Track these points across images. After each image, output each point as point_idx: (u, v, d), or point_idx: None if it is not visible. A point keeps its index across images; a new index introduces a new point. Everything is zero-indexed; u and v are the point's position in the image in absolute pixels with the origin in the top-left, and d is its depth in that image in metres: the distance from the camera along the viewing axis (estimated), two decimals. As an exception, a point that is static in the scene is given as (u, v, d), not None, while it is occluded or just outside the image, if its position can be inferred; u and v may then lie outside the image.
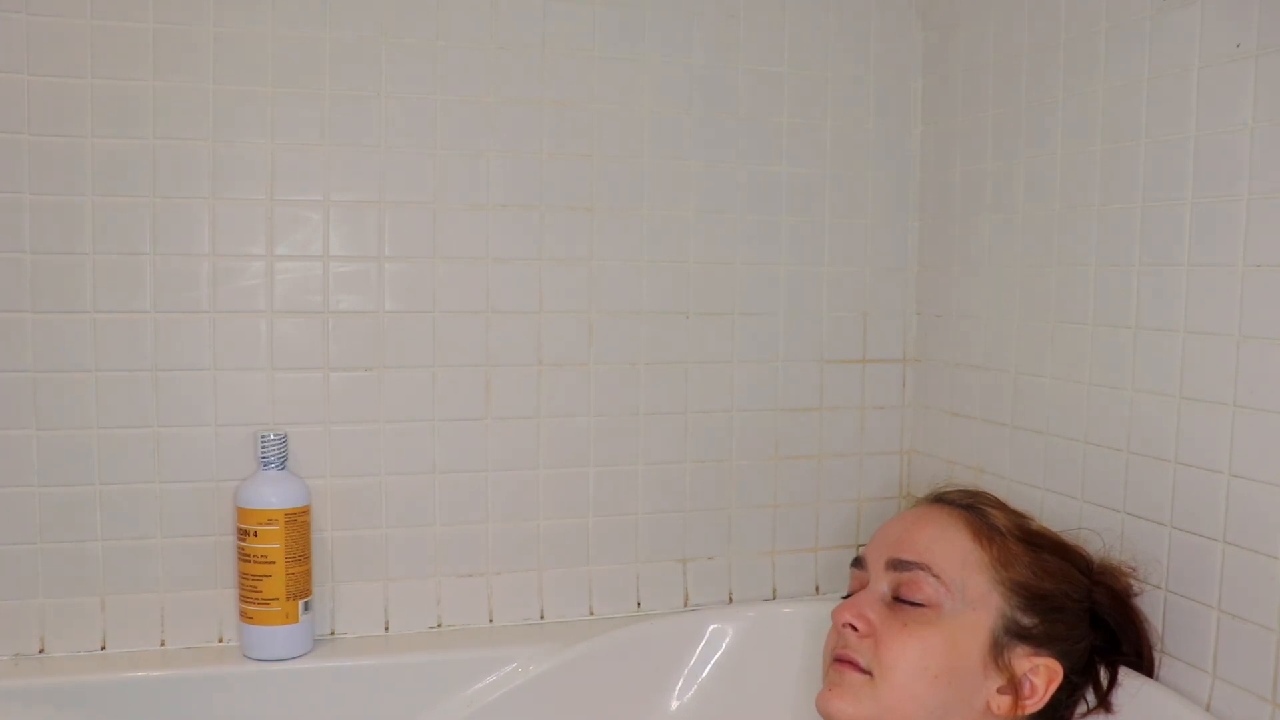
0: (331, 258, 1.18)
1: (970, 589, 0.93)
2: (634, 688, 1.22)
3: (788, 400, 1.35)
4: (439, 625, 1.24)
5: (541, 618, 1.28)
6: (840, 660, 0.94)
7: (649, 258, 1.29)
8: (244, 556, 1.12)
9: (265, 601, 1.12)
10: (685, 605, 1.33)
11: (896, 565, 0.96)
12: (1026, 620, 0.92)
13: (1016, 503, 1.08)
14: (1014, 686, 0.91)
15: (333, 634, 1.21)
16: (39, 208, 1.09)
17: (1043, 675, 0.91)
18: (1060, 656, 0.92)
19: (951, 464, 1.33)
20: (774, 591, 1.37)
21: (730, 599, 1.35)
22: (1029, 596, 0.93)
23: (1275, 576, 0.88)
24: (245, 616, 1.13)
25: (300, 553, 1.13)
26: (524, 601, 1.27)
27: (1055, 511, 1.13)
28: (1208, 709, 0.94)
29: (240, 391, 1.16)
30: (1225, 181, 0.93)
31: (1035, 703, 0.91)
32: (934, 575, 0.93)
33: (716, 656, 1.26)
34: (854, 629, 0.94)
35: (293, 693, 1.12)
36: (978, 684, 0.91)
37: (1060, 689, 0.92)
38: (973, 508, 0.99)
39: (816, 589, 1.38)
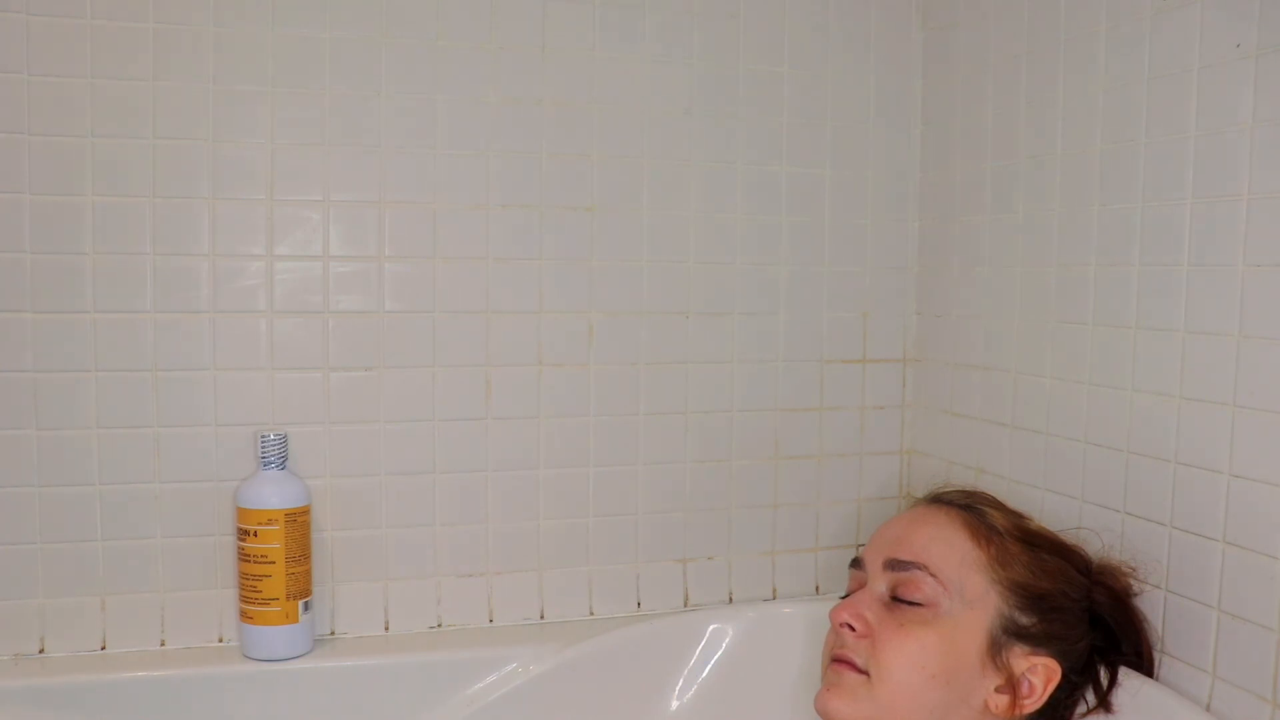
0: (331, 258, 1.18)
1: (968, 588, 0.93)
2: (634, 688, 1.22)
3: (788, 400, 1.35)
4: (439, 625, 1.24)
5: (541, 618, 1.28)
6: (838, 660, 0.94)
7: (649, 258, 1.29)
8: (244, 556, 1.12)
9: (265, 601, 1.12)
10: (685, 605, 1.33)
11: (894, 565, 0.96)
12: (1024, 619, 0.92)
13: (1016, 503, 1.08)
14: (1012, 686, 0.91)
15: (333, 634, 1.21)
16: (39, 208, 1.10)
17: (1041, 674, 0.91)
18: (1059, 656, 0.92)
19: (951, 464, 1.33)
20: (774, 591, 1.37)
21: (730, 599, 1.35)
22: (1027, 596, 0.93)
23: (1275, 576, 0.88)
24: (245, 616, 1.13)
25: (300, 553, 1.13)
26: (524, 601, 1.27)
27: (1055, 511, 1.13)
28: (1208, 709, 0.94)
29: (240, 391, 1.16)
30: (1225, 181, 0.93)
31: (1034, 702, 0.91)
32: (932, 575, 0.93)
33: (716, 656, 1.26)
34: (851, 629, 0.94)
35: (293, 693, 1.12)
36: (976, 683, 0.91)
37: (1059, 688, 0.92)
38: (971, 508, 0.99)
39: (816, 589, 1.38)
